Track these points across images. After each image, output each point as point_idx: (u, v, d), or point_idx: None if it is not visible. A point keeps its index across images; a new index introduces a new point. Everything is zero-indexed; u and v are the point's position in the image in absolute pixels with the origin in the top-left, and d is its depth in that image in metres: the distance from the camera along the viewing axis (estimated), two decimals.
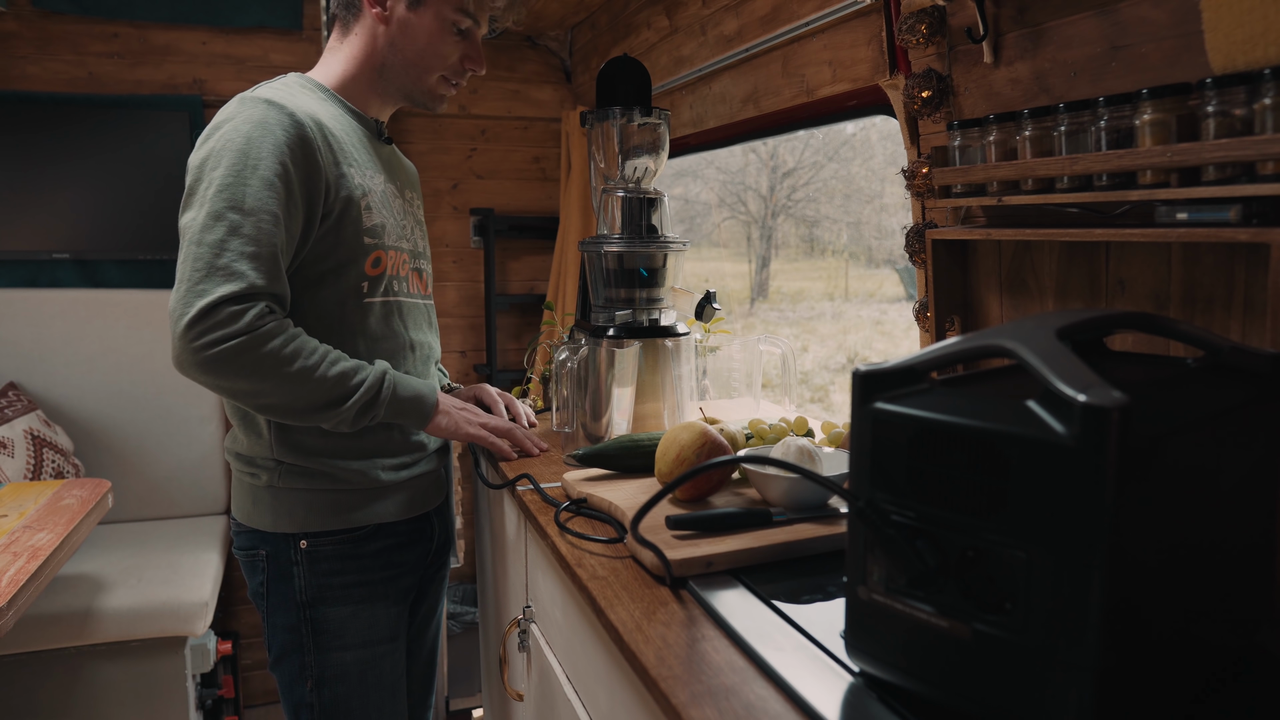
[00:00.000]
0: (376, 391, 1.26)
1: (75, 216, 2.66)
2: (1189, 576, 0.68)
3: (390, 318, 1.36)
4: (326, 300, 1.29)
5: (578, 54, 3.04)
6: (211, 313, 1.15)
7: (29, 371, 2.57)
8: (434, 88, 1.39)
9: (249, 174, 1.19)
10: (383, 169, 1.39)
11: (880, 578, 0.70)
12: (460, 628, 2.92)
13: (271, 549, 1.35)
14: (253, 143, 1.20)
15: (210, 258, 1.17)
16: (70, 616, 2.06)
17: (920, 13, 1.24)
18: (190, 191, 1.23)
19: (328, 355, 1.24)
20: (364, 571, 1.37)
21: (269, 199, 1.19)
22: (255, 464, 1.33)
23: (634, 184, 1.56)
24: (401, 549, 1.41)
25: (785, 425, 1.39)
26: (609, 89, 1.56)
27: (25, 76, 2.62)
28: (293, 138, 1.22)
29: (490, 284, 3.11)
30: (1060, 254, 1.15)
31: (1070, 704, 0.59)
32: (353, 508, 1.35)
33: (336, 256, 1.29)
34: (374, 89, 1.39)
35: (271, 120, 1.21)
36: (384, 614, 1.39)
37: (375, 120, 1.42)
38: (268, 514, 1.34)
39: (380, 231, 1.33)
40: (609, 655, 0.98)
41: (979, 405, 0.65)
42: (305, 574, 1.34)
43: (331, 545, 1.34)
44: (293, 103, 1.25)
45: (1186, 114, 0.90)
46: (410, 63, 1.35)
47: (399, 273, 1.38)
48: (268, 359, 1.18)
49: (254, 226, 1.18)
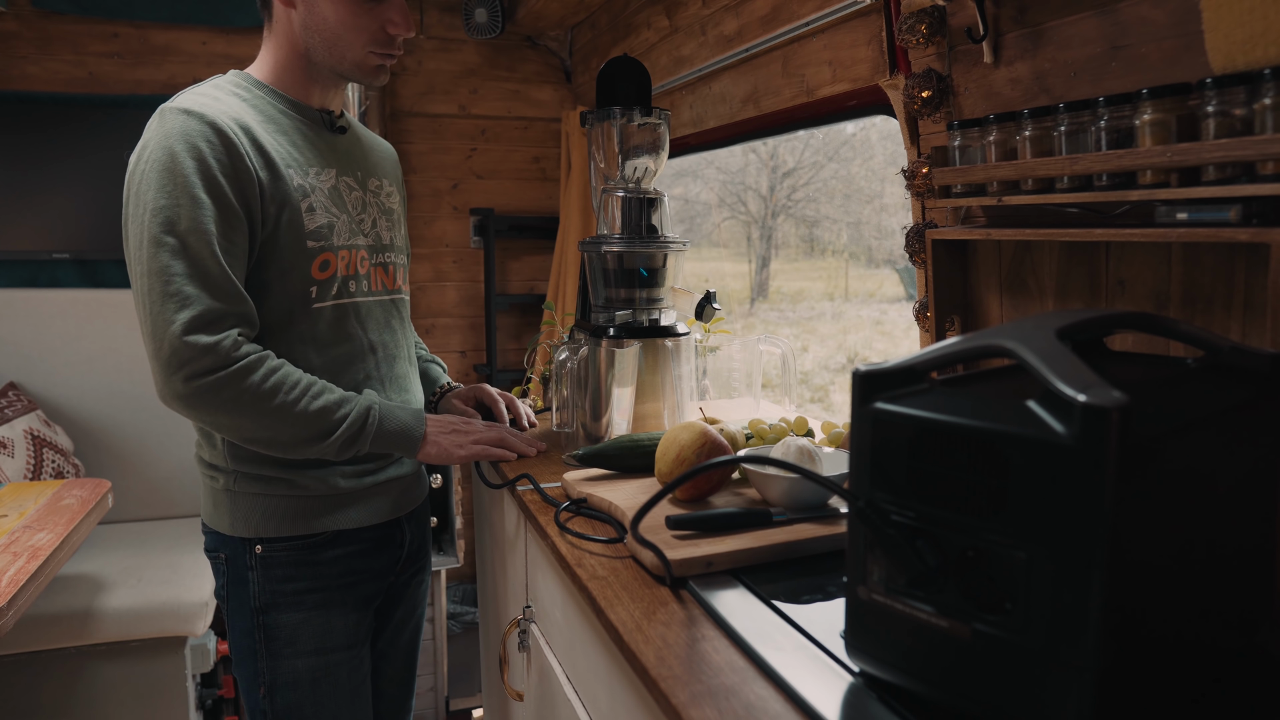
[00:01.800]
0: (360, 427, 1.25)
1: (75, 216, 2.66)
2: (1189, 576, 0.68)
3: (344, 321, 1.31)
4: (273, 309, 1.25)
5: (578, 54, 3.04)
6: (183, 347, 1.13)
7: (29, 371, 2.57)
8: (364, 61, 1.29)
9: (178, 193, 1.15)
10: (335, 161, 1.33)
11: (880, 578, 0.70)
12: (460, 628, 2.93)
13: (230, 552, 1.32)
14: (176, 158, 1.16)
15: (161, 286, 1.14)
16: (70, 616, 2.06)
17: (920, 13, 1.24)
18: (126, 218, 1.20)
19: (309, 389, 1.22)
20: (319, 579, 1.33)
21: (203, 216, 1.15)
22: (214, 467, 1.31)
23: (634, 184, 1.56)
24: (364, 555, 1.37)
25: (785, 425, 1.39)
26: (609, 89, 1.56)
27: (25, 76, 2.62)
28: (216, 148, 1.17)
29: (490, 284, 3.11)
30: (1060, 254, 1.15)
31: (1070, 704, 0.59)
32: (309, 514, 1.31)
33: (278, 263, 1.24)
34: (308, 76, 1.31)
35: (193, 131, 1.17)
36: (340, 621, 1.36)
37: (321, 110, 1.34)
38: (225, 517, 1.32)
39: (327, 233, 1.28)
40: (609, 655, 0.98)
41: (979, 405, 0.65)
42: (259, 579, 1.31)
43: (285, 551, 1.31)
44: (214, 109, 1.20)
45: (1186, 114, 0.90)
46: (329, 42, 1.27)
47: (355, 271, 1.32)
48: (246, 394, 1.16)
49: (194, 248, 1.15)
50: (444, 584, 2.61)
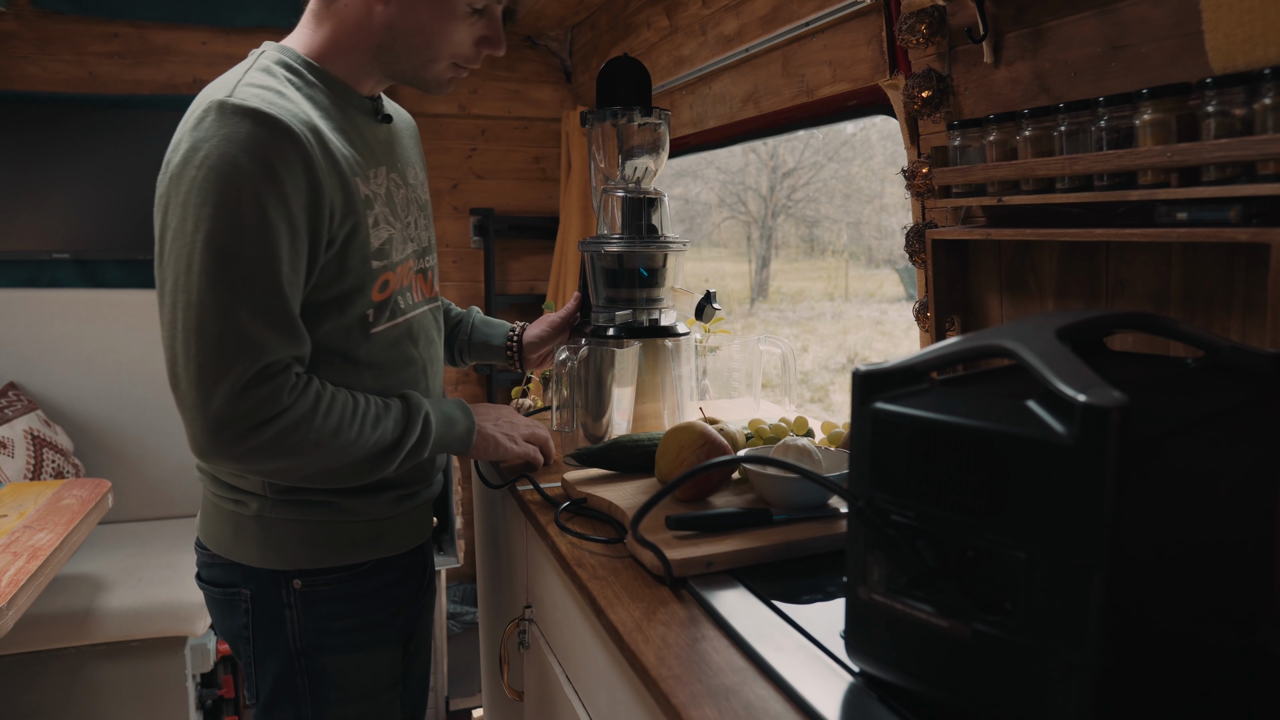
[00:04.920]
0: (420, 442, 1.15)
1: (75, 216, 2.66)
2: (1189, 576, 0.68)
3: (400, 343, 1.19)
4: (330, 336, 1.11)
5: (578, 54, 3.04)
6: (239, 400, 0.98)
7: (29, 371, 2.57)
8: (441, 74, 1.16)
9: (244, 212, 0.98)
10: (384, 157, 1.18)
11: (880, 578, 0.70)
12: (460, 628, 2.92)
13: (256, 588, 1.16)
14: (242, 171, 0.98)
15: (215, 326, 0.98)
16: (70, 616, 2.06)
17: (920, 13, 1.24)
18: (165, 229, 1.01)
19: (366, 414, 1.10)
20: (365, 614, 1.20)
21: (272, 243, 1.00)
22: (241, 491, 1.15)
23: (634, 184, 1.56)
24: (400, 584, 1.26)
25: (785, 425, 1.39)
26: (609, 89, 1.56)
27: (25, 76, 2.62)
28: (289, 159, 1.00)
29: (490, 284, 3.11)
30: (1060, 254, 1.15)
31: (1070, 704, 0.59)
32: (353, 542, 1.18)
33: (340, 287, 1.09)
34: (368, 69, 1.15)
35: (260, 140, 0.99)
36: (386, 659, 1.24)
37: (370, 98, 1.19)
38: (254, 548, 1.15)
39: (388, 249, 1.15)
40: (609, 655, 0.98)
41: (979, 405, 0.65)
42: (299, 618, 1.16)
43: (330, 585, 1.17)
44: (283, 109, 1.02)
45: (1186, 114, 0.90)
46: (414, 48, 1.12)
47: (403, 285, 1.20)
48: (310, 437, 1.04)
49: (262, 281, 0.99)
50: (444, 584, 2.61)
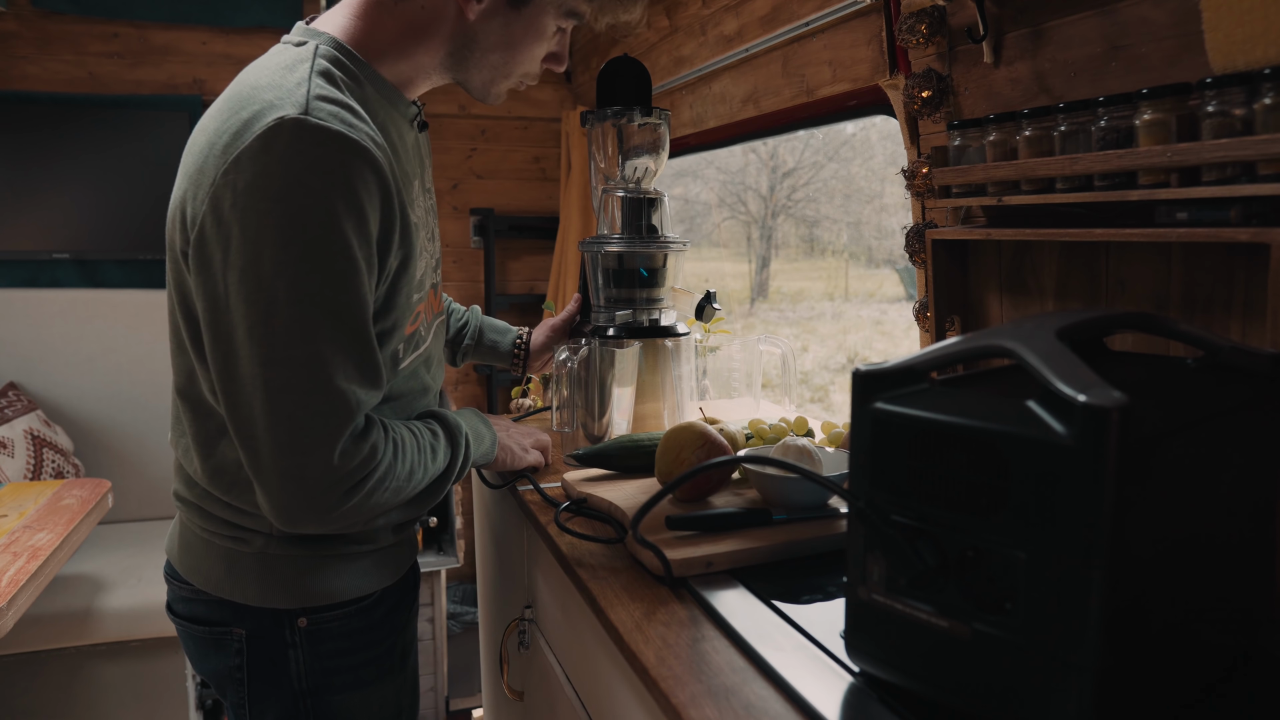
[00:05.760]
0: (465, 461, 1.11)
1: (75, 216, 2.66)
2: (1189, 576, 0.68)
3: (419, 373, 1.13)
4: None
5: (578, 54, 3.04)
6: (341, 463, 0.91)
7: (29, 371, 2.57)
8: (504, 89, 1.11)
9: (336, 255, 0.88)
10: (416, 168, 1.10)
11: (880, 578, 0.70)
12: (460, 628, 2.93)
13: (253, 627, 1.07)
14: (332, 211, 0.87)
15: (312, 386, 0.89)
16: (70, 616, 2.07)
17: (920, 13, 1.24)
18: (231, 266, 0.88)
19: (424, 447, 1.04)
20: (373, 647, 1.13)
21: (361, 286, 0.91)
22: (242, 529, 1.05)
23: (634, 184, 1.56)
24: (398, 610, 1.19)
25: (785, 425, 1.39)
26: (609, 89, 1.56)
27: (25, 76, 2.62)
28: (372, 191, 0.90)
29: (490, 284, 3.11)
30: (1060, 254, 1.15)
31: (1070, 704, 0.59)
32: (359, 572, 1.10)
33: (382, 324, 1.00)
34: (427, 74, 1.06)
35: (351, 172, 0.88)
36: (392, 691, 1.18)
37: (414, 104, 1.10)
38: (253, 586, 1.06)
39: (424, 279, 1.08)
40: (609, 655, 0.98)
41: (979, 405, 0.65)
42: (304, 657, 1.08)
43: (337, 621, 1.09)
44: (364, 132, 0.91)
45: (1186, 114, 0.90)
46: (491, 63, 1.06)
47: (429, 314, 1.15)
48: (393, 485, 0.98)
49: (351, 329, 0.91)
50: (444, 584, 2.61)
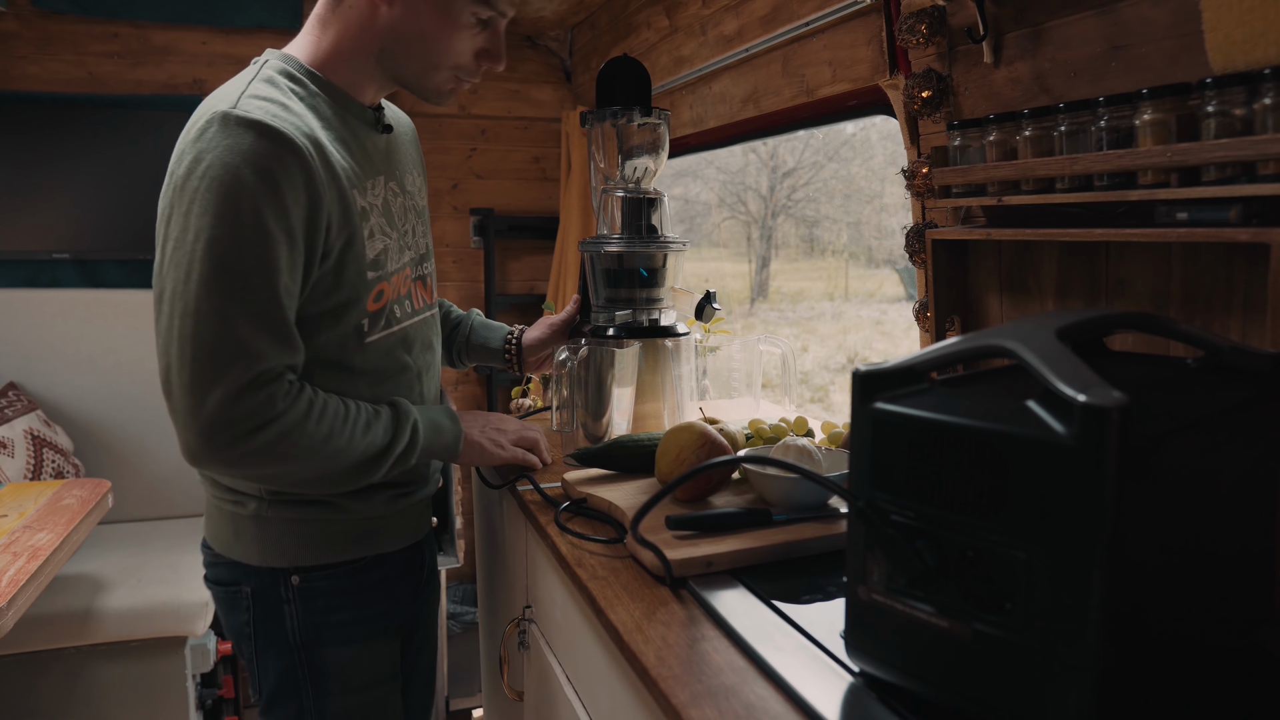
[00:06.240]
0: (409, 449, 1.16)
1: (75, 216, 2.66)
2: (1189, 576, 0.68)
3: (394, 351, 1.21)
4: (325, 345, 1.13)
5: (578, 54, 3.04)
6: (233, 406, 1.01)
7: (29, 371, 2.57)
8: (441, 85, 1.17)
9: (244, 222, 1.00)
10: (382, 167, 1.20)
11: (880, 578, 0.70)
12: (460, 628, 2.92)
13: (256, 585, 1.20)
14: (244, 183, 1.00)
15: (211, 333, 1.00)
16: (70, 616, 2.06)
17: (920, 13, 1.24)
18: (169, 238, 1.03)
19: (357, 420, 1.12)
20: (362, 607, 1.24)
21: (270, 254, 1.02)
22: (239, 493, 1.18)
23: (634, 184, 1.56)
24: (399, 579, 1.30)
25: (785, 425, 1.39)
26: (609, 89, 1.56)
27: (25, 76, 2.62)
28: (290, 172, 1.02)
29: (490, 284, 3.11)
30: (1060, 254, 1.15)
31: (1070, 704, 0.59)
32: (350, 538, 1.21)
33: (336, 298, 1.12)
34: (370, 74, 1.16)
35: (264, 152, 1.01)
36: (385, 651, 1.28)
37: (372, 108, 1.20)
38: (253, 546, 1.19)
39: (383, 259, 1.17)
40: (609, 655, 0.98)
41: (979, 405, 0.65)
42: (298, 613, 1.20)
43: (327, 580, 1.21)
44: (286, 122, 1.03)
45: (1186, 114, 0.90)
46: (415, 55, 1.13)
47: (400, 294, 1.22)
48: (301, 443, 1.06)
49: (258, 290, 1.02)
50: (444, 584, 2.61)
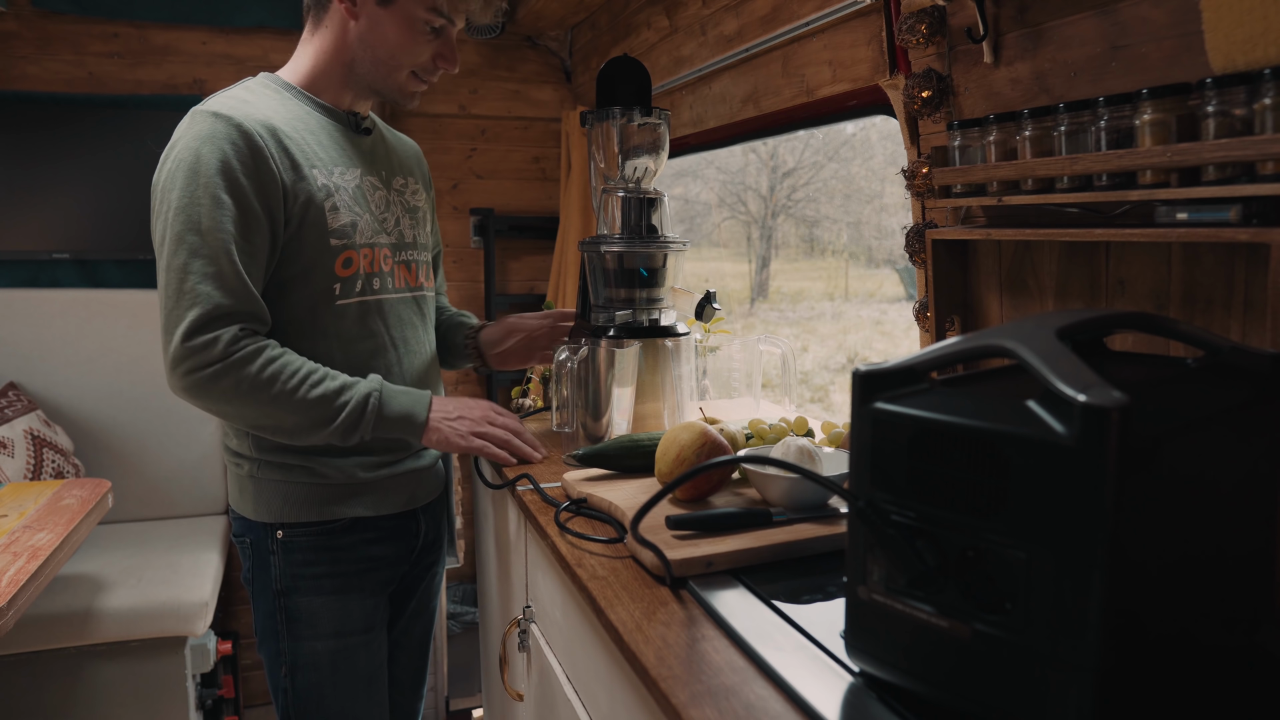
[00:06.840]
0: (360, 412, 1.28)
1: (75, 216, 2.66)
2: (1189, 576, 0.68)
3: (367, 318, 1.36)
4: (297, 305, 1.31)
5: (578, 54, 3.04)
6: (185, 344, 1.20)
7: (29, 371, 2.57)
8: (404, 85, 1.37)
9: (201, 193, 1.21)
10: (360, 161, 1.39)
11: (880, 578, 0.70)
12: (460, 628, 2.92)
13: (254, 537, 1.39)
14: (202, 160, 1.21)
15: (177, 283, 1.21)
16: (70, 616, 2.06)
17: (920, 13, 1.24)
18: (154, 213, 1.26)
19: (309, 377, 1.26)
20: (337, 564, 1.39)
21: (222, 217, 1.21)
22: (240, 455, 1.38)
23: (634, 184, 1.56)
24: (380, 543, 1.42)
25: (785, 425, 1.39)
26: (609, 89, 1.56)
27: (25, 76, 2.62)
28: (241, 150, 1.22)
29: (490, 284, 3.11)
30: (1060, 254, 1.15)
31: (1070, 704, 0.59)
32: (328, 501, 1.37)
33: (302, 261, 1.30)
34: (344, 83, 1.38)
35: (219, 134, 1.22)
36: (357, 606, 1.41)
37: (349, 113, 1.41)
38: (250, 503, 1.38)
39: (350, 231, 1.33)
40: (609, 655, 0.98)
41: (979, 405, 0.65)
42: (281, 563, 1.37)
43: (305, 536, 1.37)
44: (242, 111, 1.25)
45: (1186, 114, 0.90)
46: (380, 60, 1.34)
47: (378, 268, 1.37)
48: (244, 384, 1.21)
49: (212, 246, 1.20)
50: (444, 584, 2.61)
